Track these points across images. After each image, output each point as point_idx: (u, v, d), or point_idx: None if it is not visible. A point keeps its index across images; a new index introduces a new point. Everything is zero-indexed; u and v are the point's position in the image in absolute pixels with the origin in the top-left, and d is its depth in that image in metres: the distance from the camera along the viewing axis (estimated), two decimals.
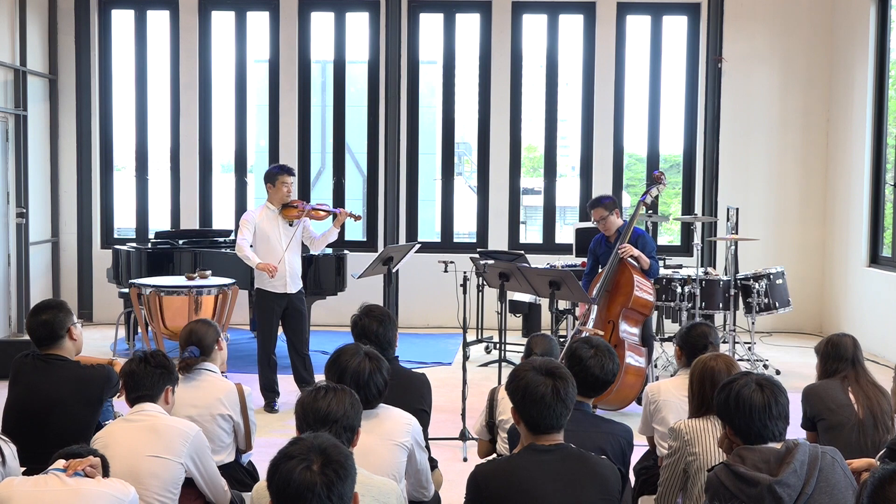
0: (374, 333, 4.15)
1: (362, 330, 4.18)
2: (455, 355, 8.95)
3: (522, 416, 3.04)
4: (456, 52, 10.93)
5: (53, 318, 4.16)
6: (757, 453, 2.90)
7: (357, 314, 4.28)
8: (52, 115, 10.64)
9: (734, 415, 2.97)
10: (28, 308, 9.30)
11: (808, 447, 2.90)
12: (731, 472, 2.86)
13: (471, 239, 11.35)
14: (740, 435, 2.99)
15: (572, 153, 12.75)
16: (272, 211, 6.93)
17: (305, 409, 2.93)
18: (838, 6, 10.28)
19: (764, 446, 2.93)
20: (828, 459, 2.90)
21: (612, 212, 6.98)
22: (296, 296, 7.01)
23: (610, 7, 10.59)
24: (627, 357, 6.54)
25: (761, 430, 2.95)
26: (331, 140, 11.25)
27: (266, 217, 6.91)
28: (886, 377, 4.58)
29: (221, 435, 4.09)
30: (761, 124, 10.53)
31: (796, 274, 10.00)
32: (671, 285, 8.12)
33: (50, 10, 10.53)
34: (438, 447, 5.51)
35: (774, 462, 2.86)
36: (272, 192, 6.93)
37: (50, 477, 2.99)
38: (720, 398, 3.03)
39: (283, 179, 6.90)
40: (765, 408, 2.94)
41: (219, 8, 10.92)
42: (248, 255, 6.79)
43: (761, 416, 2.94)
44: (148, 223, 11.13)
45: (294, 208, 6.94)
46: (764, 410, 2.94)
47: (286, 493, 2.26)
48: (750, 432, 2.96)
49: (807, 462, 2.85)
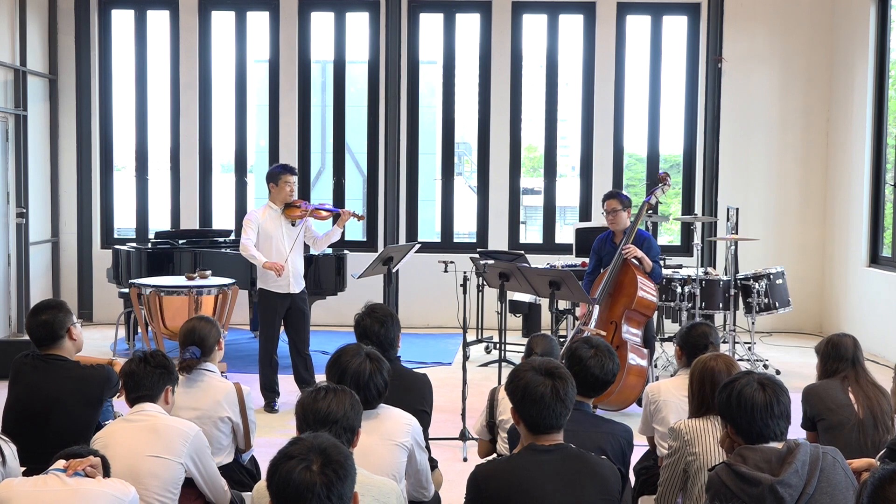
0: (375, 334, 4.15)
1: (364, 330, 4.18)
2: (455, 355, 8.95)
3: (522, 416, 3.04)
4: (456, 52, 10.93)
5: (53, 318, 4.16)
6: (758, 453, 2.90)
7: (360, 314, 4.28)
8: (52, 115, 10.64)
9: (736, 414, 2.97)
10: (28, 308, 9.30)
11: (810, 447, 2.90)
12: (732, 472, 2.86)
13: (471, 239, 11.35)
14: (742, 434, 2.98)
15: (572, 153, 12.75)
16: (275, 211, 6.92)
17: (305, 410, 2.94)
18: (838, 6, 10.28)
19: (765, 446, 2.93)
20: (829, 460, 2.90)
21: (625, 209, 6.94)
22: (299, 296, 7.01)
23: (610, 7, 10.59)
24: (630, 358, 6.52)
25: (763, 429, 2.95)
26: (331, 140, 11.25)
27: (269, 217, 6.90)
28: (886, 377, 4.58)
29: (220, 437, 4.09)
30: (761, 124, 10.53)
31: (796, 274, 10.00)
32: (671, 285, 8.12)
33: (50, 10, 10.53)
34: (438, 447, 5.51)
35: (776, 462, 2.86)
36: (275, 192, 6.92)
37: (50, 477, 2.99)
38: (722, 397, 3.03)
39: (285, 179, 6.89)
40: (766, 407, 2.94)
41: (219, 8, 10.92)
42: (254, 255, 6.77)
43: (763, 416, 2.94)
44: (148, 223, 11.13)
45: (297, 208, 6.92)
46: (766, 409, 2.94)
47: (286, 493, 2.26)
48: (751, 431, 2.95)
49: (808, 462, 2.85)
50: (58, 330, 4.16)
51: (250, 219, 6.90)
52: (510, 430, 3.60)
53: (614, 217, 6.94)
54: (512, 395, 3.07)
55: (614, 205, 6.94)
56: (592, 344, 3.78)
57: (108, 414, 4.37)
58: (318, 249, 7.40)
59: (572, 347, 3.81)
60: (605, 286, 6.78)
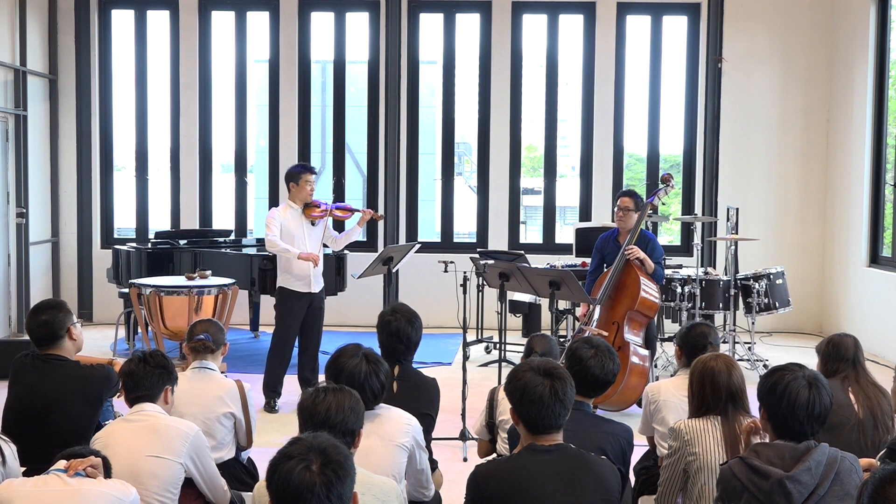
0: (406, 334, 4.19)
1: (396, 330, 4.19)
2: (455, 355, 8.95)
3: (521, 417, 3.04)
4: (456, 52, 10.93)
5: (53, 318, 4.16)
6: (773, 449, 2.92)
7: (388, 314, 4.26)
8: (52, 115, 10.64)
9: (776, 403, 2.96)
10: (28, 308, 9.30)
11: (829, 450, 2.91)
12: (744, 465, 2.88)
13: (471, 239, 11.35)
14: (773, 423, 2.99)
15: (572, 153, 12.75)
16: (295, 210, 6.89)
17: (305, 412, 2.93)
18: (838, 6, 10.28)
19: (781, 443, 2.94)
20: (846, 465, 2.91)
21: (637, 210, 6.91)
22: (318, 295, 6.99)
23: (610, 7, 10.59)
24: (632, 358, 6.51)
25: (797, 426, 2.94)
26: (331, 140, 11.25)
27: (291, 216, 6.86)
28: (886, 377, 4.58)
29: (223, 432, 4.13)
30: (761, 124, 10.53)
31: (796, 274, 10.00)
32: (671, 285, 8.12)
33: (50, 10, 10.53)
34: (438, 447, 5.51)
35: (789, 458, 2.88)
36: (295, 191, 6.88)
37: (51, 477, 2.99)
38: (766, 383, 3.02)
39: (306, 178, 6.88)
40: (807, 405, 2.94)
41: (219, 8, 10.92)
42: (286, 248, 6.71)
43: (801, 413, 2.94)
44: (148, 223, 11.13)
45: (317, 207, 6.90)
46: (806, 408, 2.94)
47: (285, 493, 2.26)
48: (786, 425, 2.96)
49: (824, 463, 2.86)
50: (58, 330, 4.16)
51: (273, 216, 6.85)
52: (510, 431, 3.61)
53: (625, 215, 6.89)
54: (511, 396, 3.07)
55: (628, 203, 6.90)
56: (593, 344, 3.78)
57: (108, 414, 4.38)
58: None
59: (573, 347, 3.81)
60: (608, 287, 6.77)
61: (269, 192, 11.03)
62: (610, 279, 6.77)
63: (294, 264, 6.79)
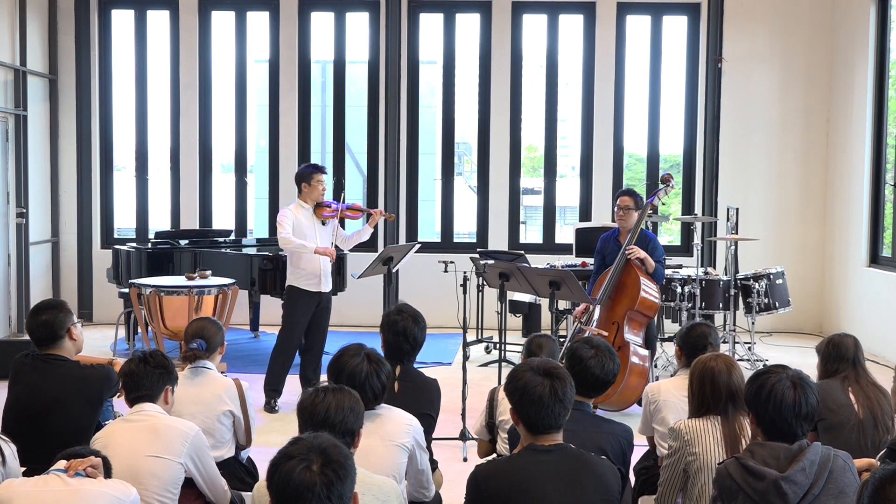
0: (412, 334, 4.20)
1: (403, 329, 4.20)
2: (455, 355, 8.95)
3: (521, 417, 3.04)
4: (456, 52, 10.93)
5: (53, 318, 4.16)
6: (767, 449, 2.92)
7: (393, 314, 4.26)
8: (52, 115, 10.64)
9: (762, 407, 2.97)
10: (28, 308, 9.31)
11: (822, 449, 2.91)
12: (740, 465, 2.88)
13: (471, 239, 11.35)
14: (763, 427, 3.00)
15: (572, 153, 12.75)
16: (306, 210, 6.89)
17: (305, 412, 2.94)
18: (838, 6, 10.28)
19: (775, 443, 2.94)
20: (840, 463, 2.91)
21: (637, 209, 6.90)
22: (326, 295, 6.99)
23: (610, 7, 10.59)
24: (632, 358, 6.51)
25: (785, 427, 2.95)
26: (331, 140, 11.25)
27: (303, 216, 6.86)
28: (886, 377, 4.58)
29: (223, 431, 4.14)
30: (761, 124, 10.53)
31: (796, 274, 10.00)
32: (671, 285, 8.12)
33: (50, 10, 10.53)
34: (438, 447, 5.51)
35: (784, 459, 2.88)
36: (307, 191, 6.88)
37: (51, 477, 2.99)
38: (752, 388, 3.02)
39: (318, 178, 6.88)
40: (794, 406, 2.94)
41: (219, 8, 10.92)
42: (302, 244, 6.69)
43: (789, 414, 2.94)
44: (148, 223, 11.13)
45: (328, 207, 6.91)
46: (793, 409, 2.94)
47: (286, 492, 2.26)
48: (773, 427, 2.96)
49: (818, 462, 2.86)
50: (58, 330, 4.16)
51: (285, 215, 6.84)
52: (510, 431, 3.61)
53: (625, 214, 6.88)
54: (510, 396, 3.07)
55: (628, 202, 6.89)
56: (593, 344, 3.78)
57: (108, 414, 4.38)
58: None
59: (573, 347, 3.81)
60: (608, 287, 6.76)
61: (269, 192, 11.03)
62: (610, 279, 6.77)
63: (305, 263, 6.79)
